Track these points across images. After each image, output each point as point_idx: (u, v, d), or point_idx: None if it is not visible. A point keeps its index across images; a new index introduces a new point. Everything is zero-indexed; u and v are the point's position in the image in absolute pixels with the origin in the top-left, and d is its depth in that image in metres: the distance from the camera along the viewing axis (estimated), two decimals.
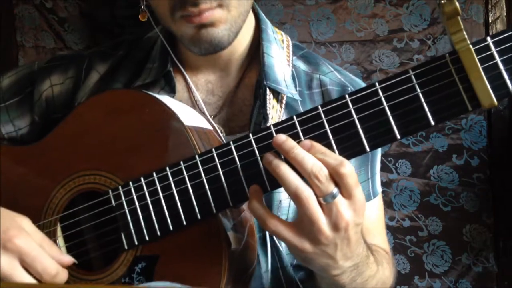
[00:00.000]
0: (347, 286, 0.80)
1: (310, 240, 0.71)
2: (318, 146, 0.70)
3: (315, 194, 0.69)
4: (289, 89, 0.98)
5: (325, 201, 0.69)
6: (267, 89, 0.96)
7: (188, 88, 1.03)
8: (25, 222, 0.79)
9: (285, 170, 0.70)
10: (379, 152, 1.10)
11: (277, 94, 0.97)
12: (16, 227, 0.76)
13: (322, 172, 0.68)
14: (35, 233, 0.79)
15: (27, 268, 0.76)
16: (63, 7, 1.54)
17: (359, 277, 0.82)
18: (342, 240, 0.71)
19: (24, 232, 0.77)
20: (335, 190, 0.68)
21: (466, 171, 1.47)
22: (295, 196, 0.69)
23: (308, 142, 0.71)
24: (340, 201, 0.69)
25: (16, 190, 0.90)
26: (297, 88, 1.01)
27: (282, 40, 1.06)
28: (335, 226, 0.69)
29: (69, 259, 0.81)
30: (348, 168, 0.68)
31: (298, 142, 0.71)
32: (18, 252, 0.75)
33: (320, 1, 1.50)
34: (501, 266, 1.46)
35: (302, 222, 0.71)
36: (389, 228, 1.51)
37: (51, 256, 0.78)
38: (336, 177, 0.69)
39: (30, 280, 0.76)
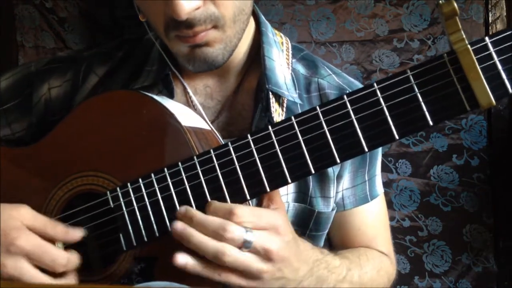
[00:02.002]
0: None
1: (255, 279, 0.73)
2: (210, 204, 0.74)
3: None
4: (290, 93, 0.97)
5: (246, 248, 0.71)
6: (270, 93, 0.96)
7: (186, 92, 1.02)
8: (23, 212, 0.78)
9: (199, 237, 0.72)
10: (379, 154, 1.09)
11: (278, 98, 0.96)
12: (15, 228, 0.76)
13: (226, 228, 0.70)
14: (36, 219, 0.79)
15: (38, 265, 0.76)
16: (63, 7, 1.54)
17: (324, 284, 0.83)
18: (282, 263, 0.73)
19: (24, 231, 0.76)
20: (246, 236, 0.71)
21: (466, 171, 1.47)
22: (217, 260, 0.71)
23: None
24: (259, 237, 0.72)
25: (14, 192, 0.90)
26: (297, 91, 1.01)
27: (282, 43, 1.05)
28: (268, 259, 0.72)
29: (78, 234, 0.82)
30: (239, 213, 0.71)
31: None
32: (23, 253, 0.75)
33: (320, 1, 1.50)
34: (501, 266, 1.46)
35: (240, 270, 0.72)
36: None
37: (57, 237, 0.79)
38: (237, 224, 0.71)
39: (42, 276, 0.76)
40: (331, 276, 0.85)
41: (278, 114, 0.96)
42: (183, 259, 0.73)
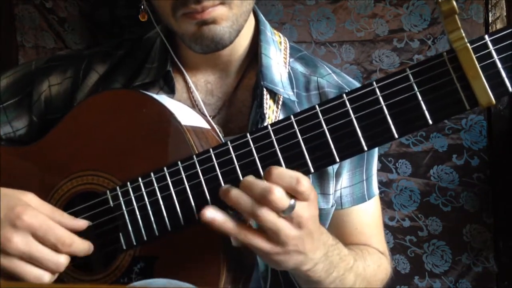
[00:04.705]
0: (324, 281, 0.82)
1: (280, 244, 0.72)
2: (272, 169, 0.71)
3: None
4: (286, 90, 0.98)
5: (284, 214, 0.70)
6: (264, 90, 0.96)
7: (188, 89, 1.03)
8: (30, 197, 0.79)
9: (236, 193, 0.71)
10: (375, 154, 1.10)
11: (273, 95, 0.97)
12: (21, 204, 0.76)
13: (273, 194, 0.68)
14: (43, 205, 0.79)
15: (42, 242, 0.76)
16: (63, 7, 1.54)
17: (335, 270, 0.83)
18: (307, 234, 0.73)
19: (31, 207, 0.76)
20: (292, 202, 0.69)
21: (466, 171, 1.46)
22: (253, 216, 0.70)
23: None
24: (299, 206, 0.70)
25: None
26: (294, 90, 1.01)
27: (280, 42, 1.06)
28: (299, 226, 0.71)
29: (83, 223, 0.82)
30: (306, 184, 0.70)
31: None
32: (29, 228, 0.74)
33: (320, 1, 1.50)
34: (501, 266, 1.46)
35: (268, 232, 0.71)
36: (389, 228, 1.51)
37: (65, 224, 0.79)
38: (294, 194, 0.70)
39: (48, 253, 0.76)
40: (341, 264, 0.85)
41: (272, 111, 0.97)
42: (210, 214, 0.72)
